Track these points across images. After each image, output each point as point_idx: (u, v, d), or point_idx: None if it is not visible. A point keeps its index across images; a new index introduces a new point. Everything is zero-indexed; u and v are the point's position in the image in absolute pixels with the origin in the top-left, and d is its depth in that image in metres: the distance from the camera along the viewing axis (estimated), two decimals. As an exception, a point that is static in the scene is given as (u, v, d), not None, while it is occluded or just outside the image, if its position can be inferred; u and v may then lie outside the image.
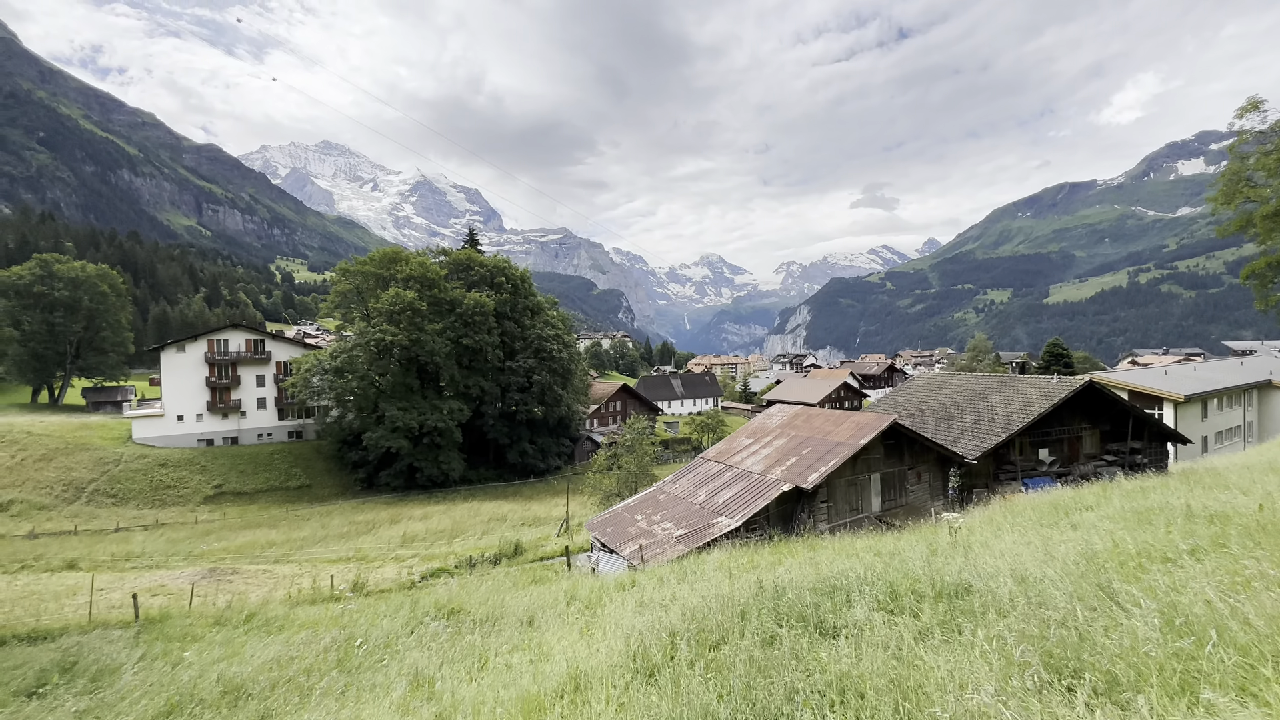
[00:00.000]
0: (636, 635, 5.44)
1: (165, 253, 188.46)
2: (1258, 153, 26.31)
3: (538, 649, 7.17)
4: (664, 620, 5.62)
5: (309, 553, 29.13)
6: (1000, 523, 12.04)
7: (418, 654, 7.77)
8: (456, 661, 7.01)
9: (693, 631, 5.19)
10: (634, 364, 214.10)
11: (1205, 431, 41.17)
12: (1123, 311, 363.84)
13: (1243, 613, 4.21)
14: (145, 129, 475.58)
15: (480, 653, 7.07)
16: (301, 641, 8.97)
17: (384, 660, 7.60)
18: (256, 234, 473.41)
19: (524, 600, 11.86)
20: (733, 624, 5.20)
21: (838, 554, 11.49)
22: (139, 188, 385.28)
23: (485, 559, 21.50)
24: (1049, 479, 23.65)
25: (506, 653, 7.13)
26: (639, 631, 5.54)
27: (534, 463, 59.33)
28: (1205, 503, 10.61)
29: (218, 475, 47.92)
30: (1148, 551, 7.30)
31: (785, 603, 5.66)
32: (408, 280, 51.63)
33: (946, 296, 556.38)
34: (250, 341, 55.93)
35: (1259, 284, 26.73)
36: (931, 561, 7.39)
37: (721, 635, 5.01)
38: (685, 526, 16.48)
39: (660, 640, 5.23)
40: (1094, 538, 8.66)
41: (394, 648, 8.48)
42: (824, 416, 20.12)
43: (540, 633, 8.45)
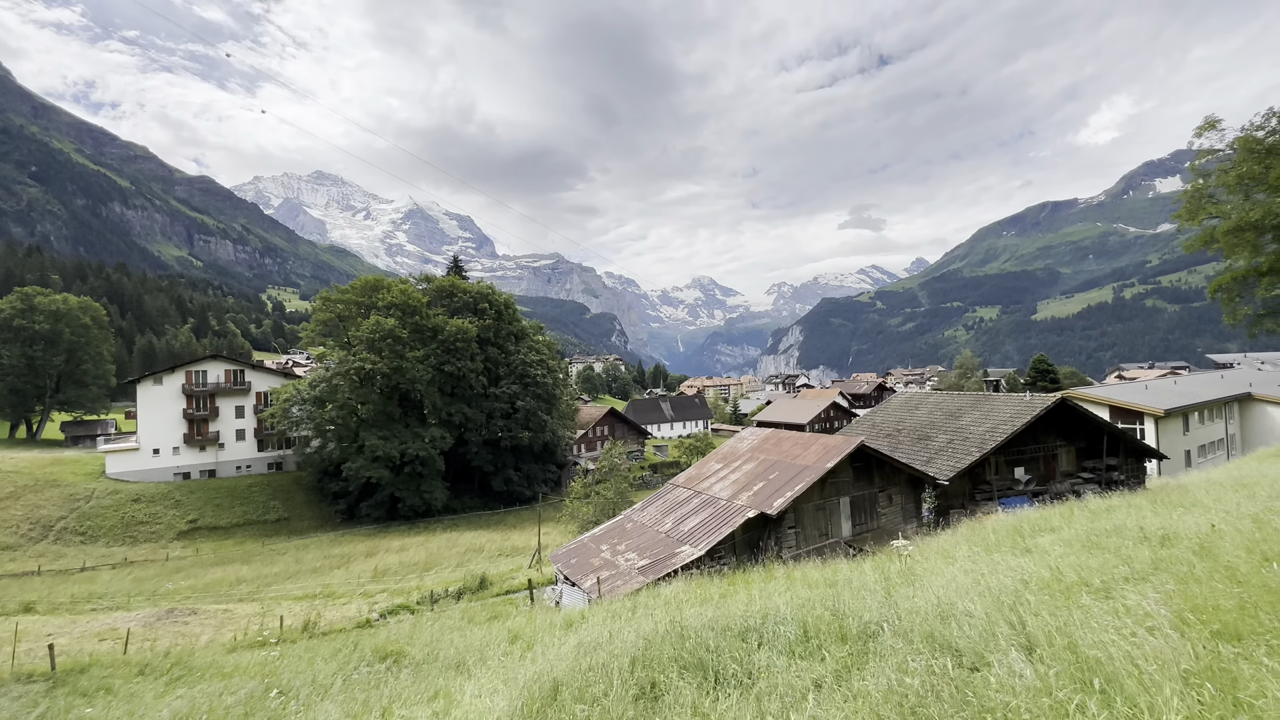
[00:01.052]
0: (525, 686, 5.11)
1: (153, 284, 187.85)
2: (1218, 170, 26.71)
3: (447, 699, 6.78)
4: (556, 668, 5.28)
5: (277, 590, 28.25)
6: (956, 549, 11.73)
7: (328, 706, 7.33)
8: (359, 716, 6.59)
9: (578, 683, 4.86)
10: (626, 387, 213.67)
11: (1188, 445, 41.12)
12: (1109, 326, 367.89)
13: (1138, 655, 3.94)
14: (137, 162, 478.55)
15: (386, 704, 6.65)
16: (214, 693, 8.48)
17: (287, 715, 7.14)
18: (248, 264, 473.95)
19: (468, 640, 11.38)
20: (620, 674, 4.86)
21: (789, 585, 11.12)
22: (130, 220, 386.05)
23: (449, 594, 20.86)
24: (1025, 498, 23.36)
25: (414, 704, 6.72)
26: (528, 682, 5.20)
27: (519, 490, 58.47)
28: (1162, 523, 10.40)
29: (193, 510, 46.81)
30: (1086, 580, 7.05)
31: (688, 648, 5.33)
32: (389, 308, 51.39)
33: (936, 315, 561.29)
34: (229, 372, 55.26)
35: (1226, 298, 26.88)
36: (864, 597, 7.08)
37: (605, 687, 4.67)
38: (648, 557, 16.04)
39: (543, 691, 4.90)
40: (1041, 565, 8.41)
41: (309, 699, 8.02)
42: (793, 440, 19.84)
43: (465, 678, 8.04)
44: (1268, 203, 23.45)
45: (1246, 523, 9.03)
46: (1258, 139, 23.06)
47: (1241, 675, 3.51)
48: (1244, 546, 7.39)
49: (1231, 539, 7.91)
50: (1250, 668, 3.60)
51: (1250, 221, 23.67)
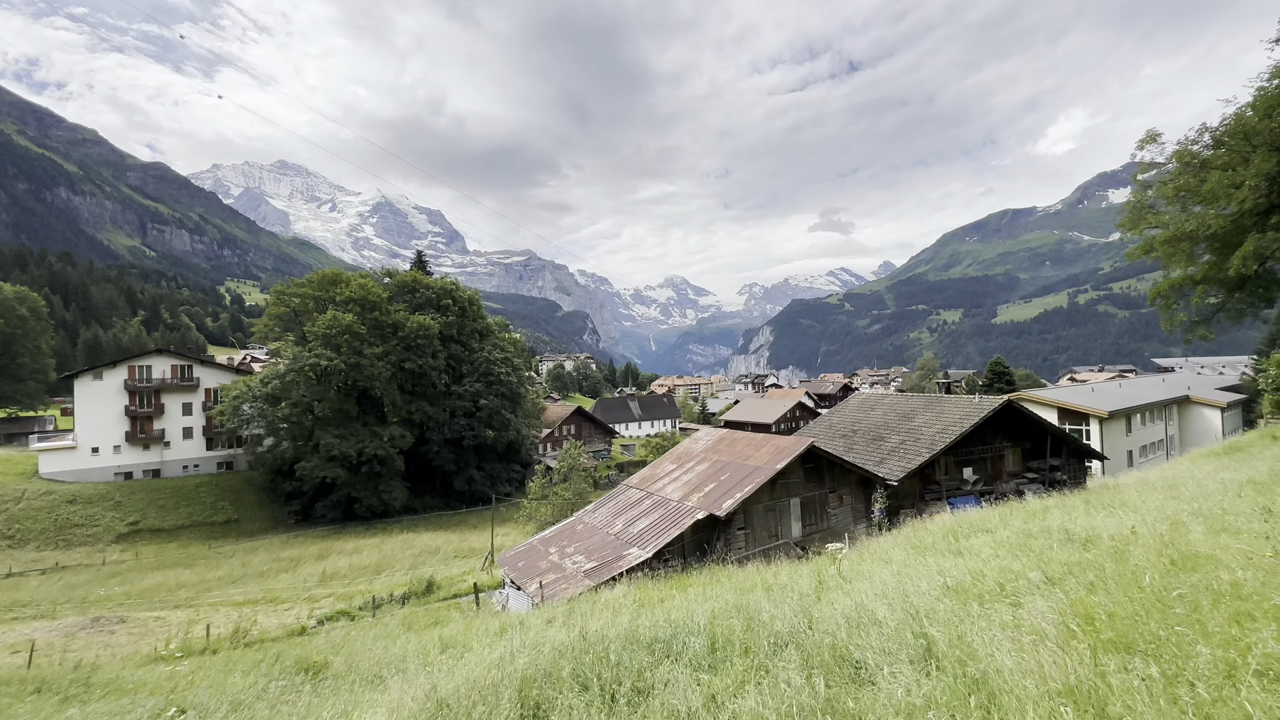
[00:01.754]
0: (412, 711, 4.83)
1: (100, 274, 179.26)
2: (1158, 182, 27.77)
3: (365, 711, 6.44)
4: (444, 688, 5.01)
5: (217, 595, 27.08)
6: (893, 551, 11.81)
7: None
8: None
9: (464, 705, 4.60)
10: (597, 385, 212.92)
11: (1130, 445, 42.79)
12: (1064, 330, 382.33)
13: (1022, 669, 3.88)
14: (86, 146, 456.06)
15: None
16: (108, 714, 7.92)
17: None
18: (206, 255, 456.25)
19: (397, 650, 10.98)
20: (509, 695, 4.62)
21: (726, 588, 11.03)
22: (78, 206, 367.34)
23: (394, 599, 20.26)
24: (973, 498, 23.90)
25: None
26: (417, 703, 4.92)
27: (482, 490, 57.54)
28: (1089, 525, 10.60)
29: (134, 511, 44.64)
30: (1003, 584, 7.06)
31: (587, 663, 5.12)
32: (347, 303, 49.92)
33: (902, 317, 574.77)
34: (176, 368, 52.84)
35: (1164, 305, 27.98)
36: (783, 605, 6.97)
37: (489, 709, 4.43)
38: (596, 559, 15.80)
39: (428, 713, 4.63)
40: (967, 568, 8.45)
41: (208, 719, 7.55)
42: (746, 440, 19.85)
43: (376, 693, 7.69)
44: (1201, 215, 24.46)
45: (1165, 525, 9.25)
46: (1193, 153, 24.01)
47: (1114, 691, 3.46)
48: (1156, 550, 7.54)
49: (1146, 542, 8.07)
50: (1124, 681, 3.56)
51: (1185, 232, 24.67)
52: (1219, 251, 25.11)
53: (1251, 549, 6.46)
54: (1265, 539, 7.05)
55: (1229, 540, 7.23)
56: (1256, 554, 6.10)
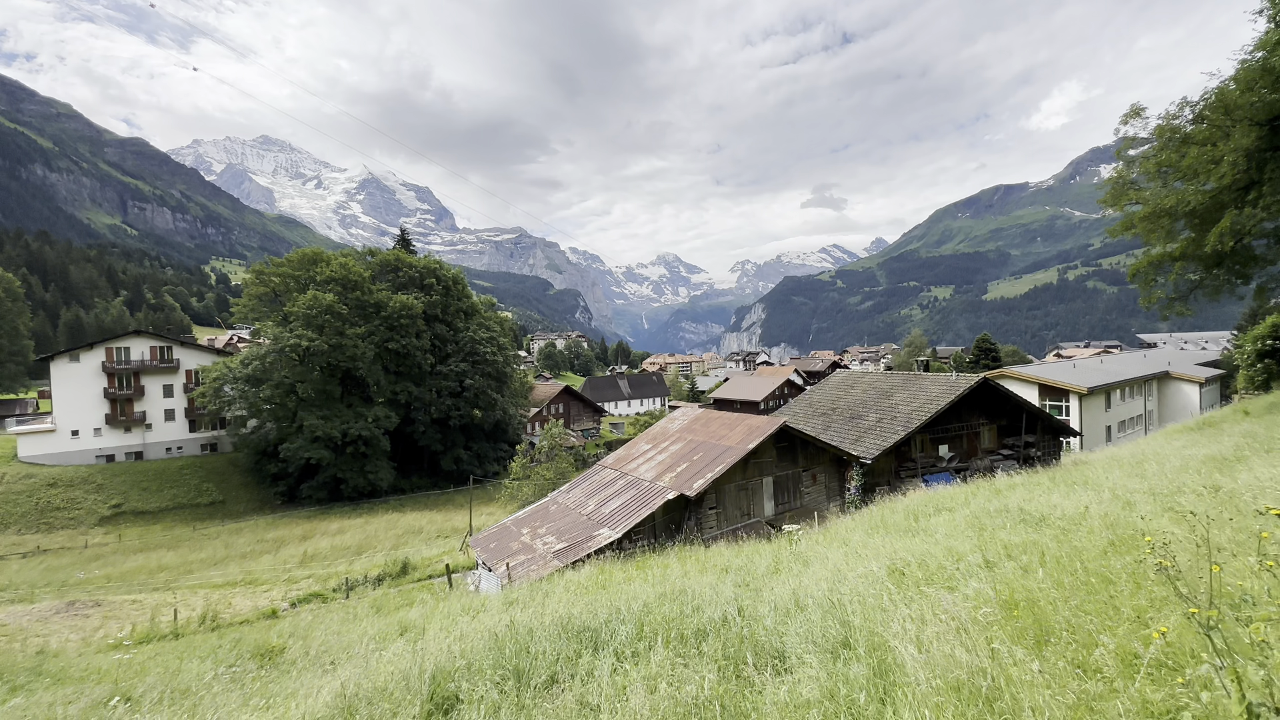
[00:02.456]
0: (322, 705, 4.76)
1: (80, 253, 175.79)
2: (1140, 157, 27.55)
3: (284, 705, 6.39)
4: (355, 684, 4.94)
5: (198, 577, 27.08)
6: (854, 530, 11.87)
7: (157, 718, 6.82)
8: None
9: (375, 698, 4.53)
10: (589, 364, 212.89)
11: (1109, 421, 43.29)
12: (1054, 306, 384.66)
13: (927, 661, 3.83)
14: (60, 120, 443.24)
15: (211, 716, 6.19)
16: (52, 702, 7.85)
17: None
18: (189, 233, 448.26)
19: (357, 633, 10.98)
20: (418, 688, 4.56)
21: (683, 570, 11.07)
22: (55, 184, 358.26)
23: (368, 580, 20.31)
24: (948, 475, 24.11)
25: (238, 716, 6.28)
26: (333, 695, 4.86)
27: (470, 469, 57.65)
28: (1047, 503, 10.65)
29: (116, 494, 44.40)
30: (944, 567, 7.04)
31: (507, 655, 5.07)
32: (327, 282, 49.18)
33: (894, 294, 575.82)
34: (155, 349, 52.08)
35: (1143, 282, 27.99)
36: (720, 589, 6.95)
37: (394, 707, 4.36)
38: (566, 540, 15.83)
39: (342, 706, 4.57)
40: (919, 549, 8.47)
41: (153, 707, 7.48)
42: (721, 420, 19.83)
43: (326, 678, 7.66)
44: (1181, 191, 24.32)
45: (1117, 504, 9.30)
46: (1174, 127, 23.77)
47: (1008, 684, 3.40)
48: (1102, 529, 7.58)
49: (1093, 522, 8.11)
50: (1022, 673, 3.51)
51: (1165, 208, 24.55)
52: (1198, 228, 25.06)
53: (1184, 529, 6.49)
54: (1206, 519, 7.07)
55: (1167, 522, 7.25)
56: (1187, 536, 6.12)
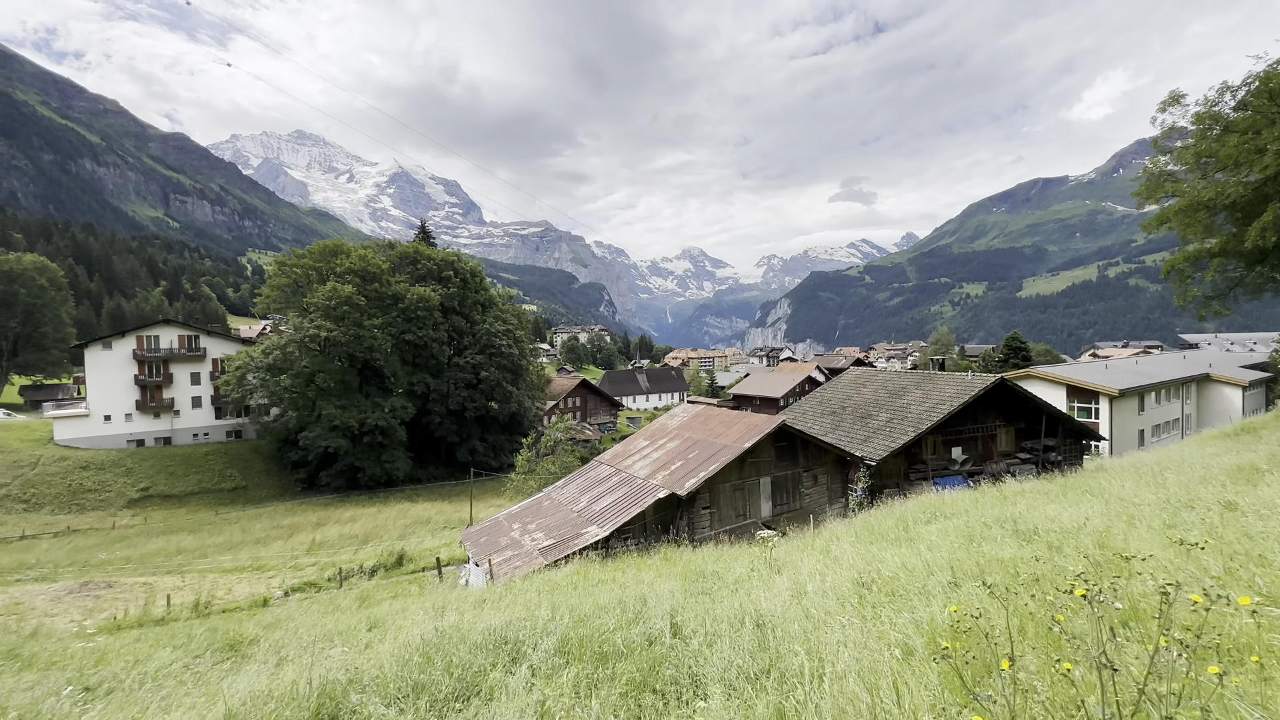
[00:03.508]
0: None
1: (122, 244, 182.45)
2: (1178, 147, 26.04)
3: (219, 700, 6.27)
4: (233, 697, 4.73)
5: (211, 561, 27.75)
6: (843, 537, 11.35)
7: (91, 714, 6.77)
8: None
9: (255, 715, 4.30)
10: (611, 358, 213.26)
11: (1142, 425, 41.43)
12: (1093, 305, 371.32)
13: (842, 701, 3.42)
14: (108, 116, 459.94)
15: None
16: (10, 690, 7.91)
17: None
18: (227, 226, 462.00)
19: (330, 626, 10.91)
20: (304, 706, 4.31)
21: (661, 574, 10.71)
22: (102, 177, 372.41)
23: (363, 570, 20.48)
24: (961, 478, 23.22)
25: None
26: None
27: (485, 461, 58.11)
28: (1048, 515, 10.00)
29: (144, 478, 45.95)
30: (909, 585, 6.56)
31: (410, 671, 4.81)
32: (347, 274, 49.92)
33: (923, 290, 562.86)
34: (184, 338, 53.66)
35: (1178, 279, 26.50)
36: (664, 601, 6.57)
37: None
38: (554, 536, 15.60)
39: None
40: (898, 561, 7.98)
41: (106, 697, 7.46)
42: (720, 417, 19.36)
43: (273, 675, 7.55)
44: (1221, 182, 22.85)
45: (1121, 520, 8.67)
46: (1214, 115, 22.33)
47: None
48: (1089, 547, 7.01)
49: (1087, 538, 7.54)
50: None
51: (1202, 201, 23.11)
52: (1239, 222, 23.53)
53: (1174, 554, 5.89)
54: (1201, 543, 6.41)
55: (1157, 545, 6.64)
56: (1176, 562, 5.53)
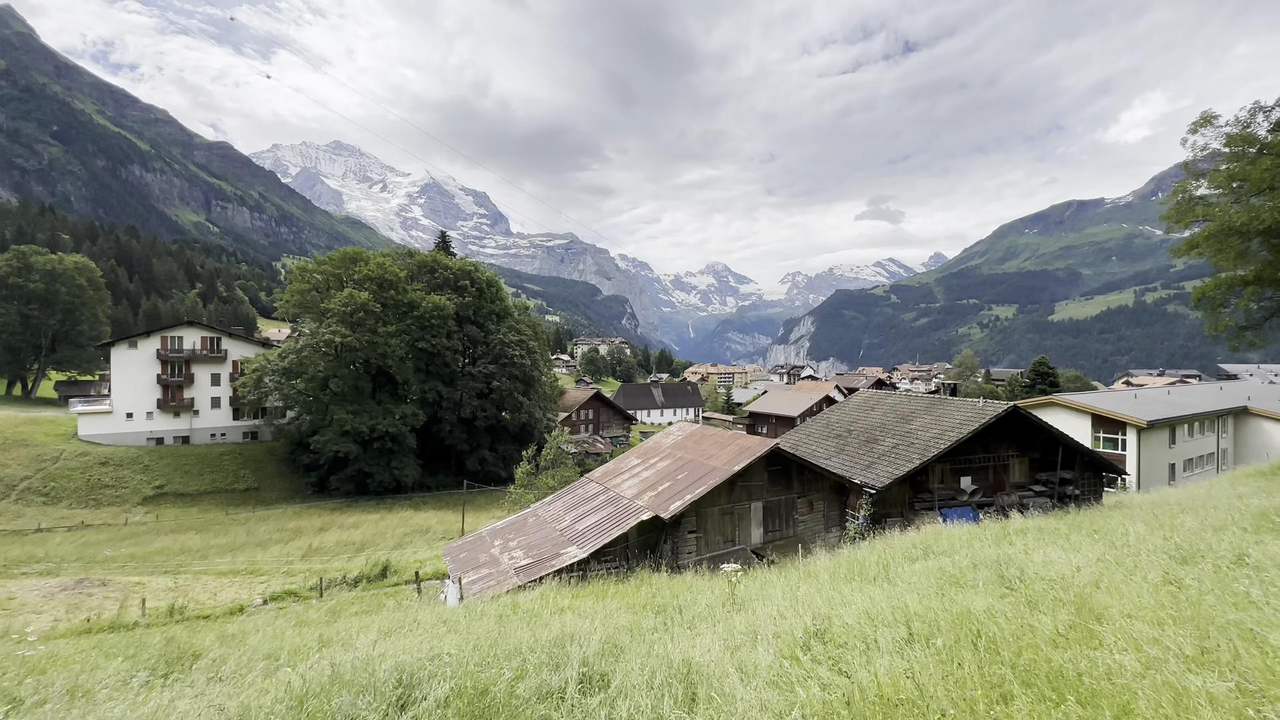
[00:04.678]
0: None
1: (162, 247, 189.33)
2: (1211, 170, 24.89)
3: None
4: None
5: (211, 562, 27.92)
6: (816, 573, 10.70)
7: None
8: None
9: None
10: (631, 370, 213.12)
11: (1173, 459, 39.49)
12: (1128, 330, 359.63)
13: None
14: (158, 125, 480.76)
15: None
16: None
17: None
18: (264, 231, 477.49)
19: (284, 642, 10.63)
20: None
21: (622, 604, 10.21)
22: (149, 183, 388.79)
23: (346, 581, 20.27)
24: (969, 510, 22.18)
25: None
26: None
27: (494, 470, 58.05)
28: (1041, 559, 9.27)
29: (160, 475, 46.88)
30: (867, 636, 5.99)
31: (279, 712, 4.44)
32: (364, 281, 50.66)
33: (951, 311, 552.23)
34: (206, 339, 55.02)
35: (1210, 308, 25.20)
36: (588, 643, 6.08)
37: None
38: (532, 555, 15.18)
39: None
40: (864, 606, 7.39)
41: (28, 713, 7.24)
42: (714, 438, 18.79)
43: (169, 705, 7.25)
44: (1255, 206, 21.67)
45: (1120, 572, 7.95)
46: (1247, 136, 21.26)
47: None
48: (1069, 606, 6.36)
49: (1071, 592, 6.87)
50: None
51: (1234, 226, 21.93)
52: (1275, 249, 22.28)
53: (1154, 619, 5.22)
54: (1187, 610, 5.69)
55: (1152, 602, 5.95)
56: (1151, 633, 4.87)
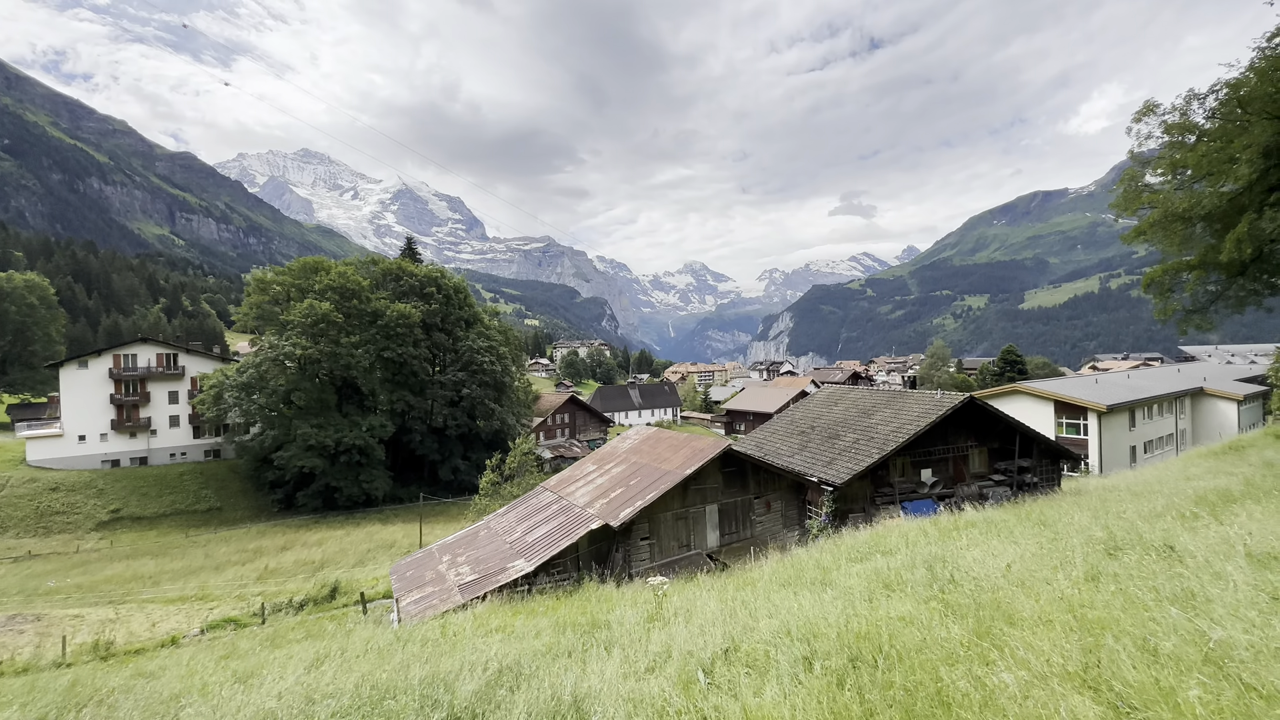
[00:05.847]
0: None
1: (122, 262, 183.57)
2: (1155, 157, 25.29)
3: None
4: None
5: (159, 590, 26.78)
6: (756, 580, 10.42)
7: None
8: None
9: None
10: (611, 372, 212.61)
11: (1133, 441, 40.33)
12: (1095, 316, 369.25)
13: None
14: (116, 136, 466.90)
15: None
16: None
17: None
18: (231, 243, 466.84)
19: (197, 680, 10.02)
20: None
21: (557, 621, 9.82)
22: (109, 196, 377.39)
23: (292, 605, 19.52)
24: (931, 502, 22.20)
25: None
26: None
27: (468, 479, 57.05)
28: (981, 553, 9.07)
29: (116, 499, 45.13)
30: (766, 659, 5.66)
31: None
32: (325, 291, 49.42)
33: (925, 303, 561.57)
34: (162, 356, 53.17)
35: (1159, 293, 25.59)
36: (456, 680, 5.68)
37: None
38: (479, 571, 14.68)
39: None
40: (784, 619, 7.07)
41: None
42: (669, 441, 18.47)
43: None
44: (1196, 193, 22.06)
45: (1047, 566, 7.73)
46: (1185, 124, 21.60)
47: None
48: (985, 610, 6.10)
49: (991, 594, 6.63)
50: None
51: (1177, 212, 22.31)
52: (1217, 234, 22.70)
53: (1066, 631, 4.98)
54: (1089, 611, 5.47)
55: (1071, 601, 5.74)
56: (1045, 643, 4.63)
